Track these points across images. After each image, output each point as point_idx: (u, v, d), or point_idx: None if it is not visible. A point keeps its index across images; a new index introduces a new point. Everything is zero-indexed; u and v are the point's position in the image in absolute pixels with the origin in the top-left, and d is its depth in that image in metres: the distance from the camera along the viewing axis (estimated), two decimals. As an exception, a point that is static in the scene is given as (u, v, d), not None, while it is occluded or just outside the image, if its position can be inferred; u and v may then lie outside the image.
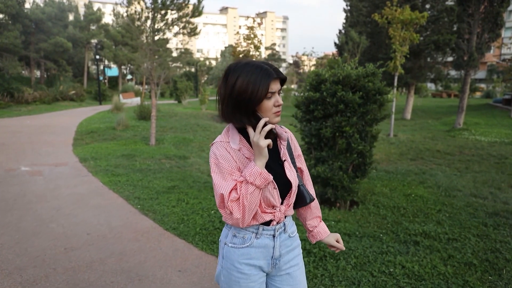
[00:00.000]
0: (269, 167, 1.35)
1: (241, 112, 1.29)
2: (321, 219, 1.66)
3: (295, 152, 1.55)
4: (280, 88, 1.35)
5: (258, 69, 1.27)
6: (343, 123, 4.46)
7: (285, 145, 1.45)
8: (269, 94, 1.29)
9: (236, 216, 1.27)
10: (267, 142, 1.26)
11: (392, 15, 10.32)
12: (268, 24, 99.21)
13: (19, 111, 19.58)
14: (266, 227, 1.42)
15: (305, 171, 1.61)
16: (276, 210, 1.41)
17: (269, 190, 1.36)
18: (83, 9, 33.34)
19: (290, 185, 1.41)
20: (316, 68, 34.85)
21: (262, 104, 1.30)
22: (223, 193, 1.27)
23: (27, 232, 3.92)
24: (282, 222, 1.45)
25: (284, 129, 1.52)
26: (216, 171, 1.32)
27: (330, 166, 4.63)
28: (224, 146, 1.34)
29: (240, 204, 1.27)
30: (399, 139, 10.95)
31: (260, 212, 1.37)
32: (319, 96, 4.57)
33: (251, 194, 1.26)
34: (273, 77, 1.28)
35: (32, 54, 26.74)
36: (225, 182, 1.29)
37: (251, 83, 1.25)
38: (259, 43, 13.08)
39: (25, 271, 3.10)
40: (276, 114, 1.33)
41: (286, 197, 1.43)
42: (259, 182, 1.26)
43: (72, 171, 6.67)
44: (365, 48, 16.02)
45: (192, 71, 50.21)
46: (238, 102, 1.28)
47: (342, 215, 4.37)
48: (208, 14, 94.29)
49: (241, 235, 1.41)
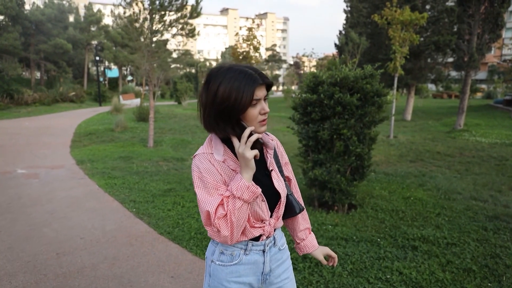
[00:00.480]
0: (256, 178, 1.27)
1: (224, 121, 1.20)
2: (310, 231, 1.59)
3: (282, 160, 1.47)
4: (266, 94, 1.26)
5: (241, 75, 1.18)
6: (341, 125, 4.40)
7: (272, 154, 1.38)
8: (254, 101, 1.19)
9: (224, 233, 1.19)
10: (254, 153, 1.17)
11: (391, 16, 10.26)
12: (268, 25, 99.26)
13: (18, 112, 19.57)
14: (256, 243, 1.34)
15: (293, 179, 1.54)
16: (266, 224, 1.34)
17: (258, 203, 1.28)
18: (83, 10, 33.37)
19: (278, 196, 1.34)
20: (317, 69, 34.79)
21: (246, 113, 1.20)
22: (209, 210, 1.18)
23: (20, 237, 3.87)
24: (272, 236, 1.39)
25: (270, 136, 1.45)
26: (200, 186, 1.23)
27: (328, 169, 4.57)
28: (207, 158, 1.25)
29: (228, 221, 1.18)
30: (399, 140, 10.88)
31: (249, 227, 1.29)
32: (317, 98, 4.51)
33: (239, 210, 1.18)
34: (258, 83, 1.18)
35: (32, 55, 26.74)
36: (210, 198, 1.20)
37: (234, 90, 1.16)
38: (258, 44, 13.03)
39: (15, 277, 3.04)
40: (262, 123, 1.24)
41: (275, 209, 1.36)
42: (247, 196, 1.18)
43: (69, 173, 6.62)
44: (365, 49, 15.96)
45: (192, 72, 50.21)
46: (220, 111, 1.19)
47: (340, 219, 4.31)
48: (208, 15, 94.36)
49: (229, 252, 1.34)
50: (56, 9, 27.55)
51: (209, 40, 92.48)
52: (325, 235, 3.70)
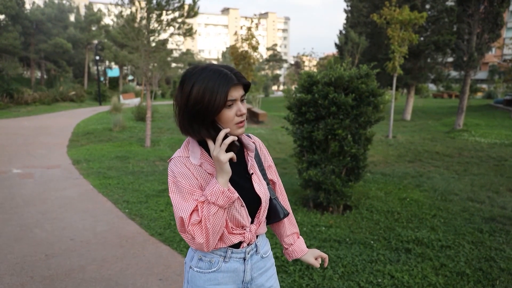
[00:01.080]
0: (235, 182, 1.23)
1: (198, 123, 1.16)
2: (298, 235, 1.53)
3: (265, 163, 1.42)
4: (244, 95, 1.21)
5: (216, 74, 1.13)
6: (336, 125, 4.35)
7: (253, 156, 1.33)
8: (229, 102, 1.15)
9: (199, 240, 1.14)
10: (229, 156, 1.12)
11: (390, 15, 10.20)
12: (269, 24, 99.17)
13: (18, 112, 19.54)
14: (235, 250, 1.29)
15: (277, 183, 1.47)
16: (246, 231, 1.28)
17: (236, 209, 1.23)
18: (84, 10, 33.34)
19: (260, 201, 1.29)
20: (317, 69, 34.69)
21: (221, 114, 1.16)
22: (183, 216, 1.14)
23: (10, 238, 3.83)
24: (253, 243, 1.32)
25: (253, 138, 1.41)
26: (175, 190, 1.18)
27: (323, 169, 4.52)
28: (183, 161, 1.20)
29: (203, 228, 1.13)
30: (398, 140, 10.82)
31: (227, 234, 1.24)
32: (311, 98, 4.46)
33: (214, 216, 1.13)
34: (233, 83, 1.14)
35: (32, 55, 26.73)
36: (185, 203, 1.16)
37: (208, 91, 1.11)
38: (257, 44, 12.98)
39: (1, 279, 3.00)
40: (238, 125, 1.19)
41: (256, 214, 1.30)
42: (222, 201, 1.13)
43: (64, 173, 6.58)
44: (365, 49, 15.88)
45: (193, 72, 50.10)
46: (194, 112, 1.14)
47: (334, 220, 4.26)
48: (209, 15, 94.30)
49: (207, 259, 1.29)
50: (56, 9, 27.53)
51: (210, 40, 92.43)
52: (318, 237, 3.65)
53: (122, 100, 26.12)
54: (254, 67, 14.33)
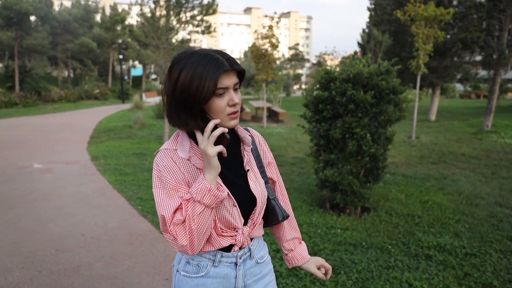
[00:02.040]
0: (227, 179, 1.12)
1: (186, 113, 1.05)
2: (300, 241, 1.40)
3: (264, 160, 1.29)
4: (238, 83, 1.09)
5: (205, 59, 1.01)
6: (354, 124, 4.17)
7: (249, 151, 1.20)
8: (220, 90, 1.03)
9: (181, 242, 1.03)
10: (217, 150, 1.01)
11: (415, 12, 9.83)
12: (292, 24, 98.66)
13: (45, 109, 20.14)
14: (226, 254, 1.17)
15: (278, 181, 1.35)
16: (238, 233, 1.16)
17: (227, 208, 1.11)
18: (109, 10, 34.07)
19: (255, 200, 1.17)
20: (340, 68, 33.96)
21: (211, 103, 1.05)
22: (164, 214, 1.03)
23: (24, 232, 3.86)
24: (246, 246, 1.21)
25: (252, 132, 1.29)
26: (159, 186, 1.08)
27: (340, 169, 4.35)
28: (169, 155, 1.09)
29: (187, 228, 1.02)
30: (421, 141, 10.44)
31: (215, 236, 1.12)
32: (328, 95, 4.30)
33: (199, 216, 1.01)
34: (224, 69, 1.02)
35: (59, 54, 27.54)
36: (168, 200, 1.05)
37: (196, 77, 1.00)
38: (277, 42, 12.80)
39: (12, 272, 3.01)
40: (231, 116, 1.08)
41: (250, 216, 1.18)
42: (209, 200, 1.01)
43: (82, 169, 6.66)
44: (388, 47, 15.45)
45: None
46: (182, 101, 1.03)
47: (351, 223, 4.09)
48: (232, 14, 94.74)
49: (195, 262, 1.17)
50: (83, 9, 28.25)
51: (233, 39, 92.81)
52: (333, 240, 3.49)
53: (144, 98, 26.52)
54: (274, 66, 14.17)
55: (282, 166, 7.37)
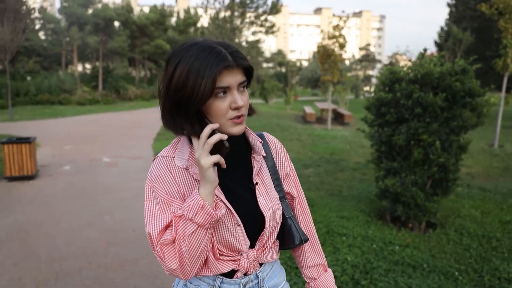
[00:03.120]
0: (232, 193, 0.95)
1: (181, 116, 0.89)
2: (326, 268, 1.17)
3: (281, 171, 1.09)
4: (244, 81, 0.90)
5: (204, 52, 0.84)
6: (420, 129, 3.74)
7: (260, 161, 1.01)
8: (220, 90, 0.86)
9: (170, 265, 0.87)
10: (212, 160, 0.83)
11: (504, 4, 8.73)
12: (363, 23, 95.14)
13: (122, 106, 21.79)
14: (227, 280, 0.99)
15: (297, 197, 1.13)
16: (243, 257, 0.97)
17: (228, 228, 0.94)
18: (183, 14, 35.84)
19: (264, 219, 0.98)
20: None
21: (210, 106, 0.88)
22: (150, 232, 0.88)
23: (83, 222, 4.08)
24: (253, 273, 1.01)
25: (268, 137, 1.09)
26: (150, 198, 0.94)
27: (402, 179, 3.94)
28: (165, 163, 0.95)
29: (176, 250, 0.86)
30: (506, 150, 9.25)
31: (213, 260, 0.95)
32: (392, 97, 3.92)
33: (190, 236, 0.85)
34: (225, 65, 0.84)
35: (136, 55, 29.63)
36: (158, 215, 0.90)
37: (193, 74, 0.83)
38: (344, 41, 12.30)
39: (65, 261, 3.16)
40: (234, 121, 0.90)
41: (259, 237, 0.99)
42: (201, 219, 0.84)
43: (144, 164, 6.96)
44: (469, 46, 13.99)
45: (283, 71, 50.58)
46: (176, 102, 0.87)
47: (413, 239, 3.66)
48: (302, 15, 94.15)
49: (193, 286, 1.02)
50: (159, 14, 30.06)
51: (302, 40, 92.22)
52: (389, 258, 3.14)
53: (212, 98, 27.39)
54: (340, 66, 13.66)
55: (343, 171, 7.00)
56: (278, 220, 1.02)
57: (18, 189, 5.32)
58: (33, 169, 5.79)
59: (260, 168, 1.01)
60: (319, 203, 4.77)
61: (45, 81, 22.83)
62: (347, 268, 2.87)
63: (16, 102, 20.35)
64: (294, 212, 1.13)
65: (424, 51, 3.97)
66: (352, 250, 3.22)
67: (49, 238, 3.64)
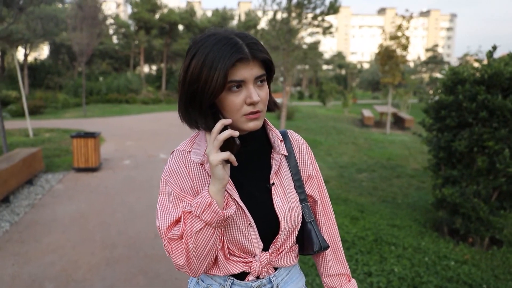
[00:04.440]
0: (247, 193, 0.92)
1: (195, 109, 0.87)
2: (349, 278, 1.10)
3: (304, 172, 1.03)
4: (263, 75, 0.86)
5: (220, 43, 0.81)
6: (486, 135, 3.41)
7: (278, 160, 0.96)
8: (233, 83, 0.82)
9: (177, 261, 0.87)
10: (222, 157, 0.80)
11: None
12: (431, 23, 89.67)
13: (182, 106, 22.73)
14: (238, 282, 0.97)
15: (320, 201, 1.07)
16: (255, 260, 0.94)
17: (240, 228, 0.91)
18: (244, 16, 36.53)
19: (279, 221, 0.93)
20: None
21: (223, 100, 0.85)
22: (160, 226, 0.89)
23: (137, 214, 4.30)
24: (266, 277, 0.97)
25: (291, 135, 1.04)
26: (164, 191, 0.94)
27: (463, 189, 3.62)
28: (181, 157, 0.94)
29: (184, 246, 0.86)
30: None
31: (223, 259, 0.93)
32: (453, 99, 3.62)
33: (197, 234, 0.83)
34: (239, 57, 0.80)
35: (198, 57, 30.78)
36: (171, 209, 0.90)
37: (206, 66, 0.81)
38: (407, 42, 11.66)
39: (116, 249, 3.35)
40: (249, 117, 0.86)
41: (274, 240, 0.95)
42: (209, 217, 0.82)
43: (198, 162, 7.17)
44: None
45: (342, 74, 49.46)
46: (191, 95, 0.85)
47: (472, 256, 3.35)
48: (364, 16, 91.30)
49: (205, 285, 1.00)
50: (220, 17, 30.93)
51: (364, 42, 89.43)
52: (442, 274, 2.89)
53: (269, 100, 27.56)
54: (402, 68, 12.98)
55: (399, 177, 6.64)
56: (296, 224, 0.97)
57: (83, 179, 5.77)
58: (97, 161, 6.24)
59: (280, 167, 0.97)
60: (370, 209, 4.56)
61: (115, 81, 24.58)
62: (393, 280, 2.70)
63: (89, 100, 22.15)
64: (316, 216, 1.07)
65: (493, 49, 3.61)
66: (401, 261, 3.02)
67: (105, 226, 3.89)
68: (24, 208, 4.44)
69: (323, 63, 50.82)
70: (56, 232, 3.73)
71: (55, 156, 7.36)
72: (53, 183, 5.54)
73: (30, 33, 18.94)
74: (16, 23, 18.55)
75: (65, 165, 6.56)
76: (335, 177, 6.67)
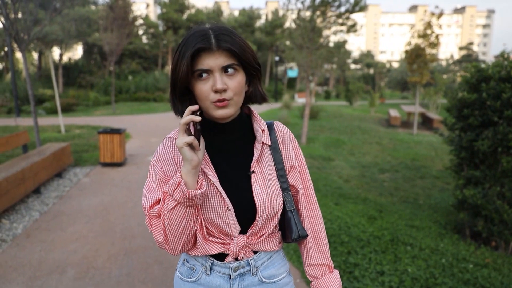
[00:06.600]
0: (229, 178, 0.97)
1: (176, 97, 0.96)
2: (332, 269, 1.12)
3: (287, 162, 1.06)
4: (232, 65, 0.89)
5: (193, 36, 0.88)
6: (511, 135, 3.28)
7: (260, 149, 1.00)
8: (199, 72, 0.88)
9: (157, 238, 0.95)
10: (185, 141, 0.85)
11: None
12: (466, 20, 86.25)
13: (208, 105, 23.03)
14: (217, 262, 1.02)
15: (303, 191, 1.09)
16: (233, 242, 0.99)
17: (217, 211, 0.95)
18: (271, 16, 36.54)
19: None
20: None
21: (194, 88, 0.92)
22: (144, 204, 0.97)
23: (156, 207, 4.42)
24: (245, 259, 1.02)
25: (277, 126, 1.07)
26: (151, 174, 1.02)
27: (485, 190, 3.50)
28: (170, 144, 1.01)
29: (161, 223, 0.94)
30: None
31: (201, 240, 0.98)
32: (477, 97, 3.51)
33: (170, 212, 0.89)
34: (200, 46, 0.86)
35: (224, 57, 31.11)
36: (156, 191, 0.98)
37: (179, 56, 0.89)
38: (436, 40, 11.29)
39: (135, 240, 3.47)
40: (216, 104, 0.90)
41: (252, 224, 0.98)
42: (178, 195, 0.87)
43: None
44: None
45: (371, 73, 48.54)
46: (172, 83, 0.95)
47: (494, 259, 3.23)
48: (395, 14, 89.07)
49: (189, 265, 1.06)
50: (247, 16, 31.13)
51: (394, 40, 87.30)
52: (458, 276, 2.81)
53: (296, 99, 27.52)
54: (431, 67, 12.59)
55: (422, 178, 6.47)
56: (276, 211, 1.01)
57: (109, 174, 5.99)
58: (122, 157, 6.46)
59: (261, 156, 1.01)
60: (388, 209, 4.48)
61: (143, 80, 25.26)
62: (406, 280, 2.66)
63: (118, 98, 22.86)
64: (298, 206, 1.10)
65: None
66: (416, 262, 2.97)
67: (125, 218, 4.03)
68: (53, 199, 4.68)
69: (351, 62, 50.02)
70: (80, 223, 3.90)
71: (84, 151, 7.68)
72: (80, 177, 5.79)
73: (65, 34, 19.78)
74: (51, 24, 19.43)
75: (92, 160, 6.83)
76: (356, 176, 6.58)
